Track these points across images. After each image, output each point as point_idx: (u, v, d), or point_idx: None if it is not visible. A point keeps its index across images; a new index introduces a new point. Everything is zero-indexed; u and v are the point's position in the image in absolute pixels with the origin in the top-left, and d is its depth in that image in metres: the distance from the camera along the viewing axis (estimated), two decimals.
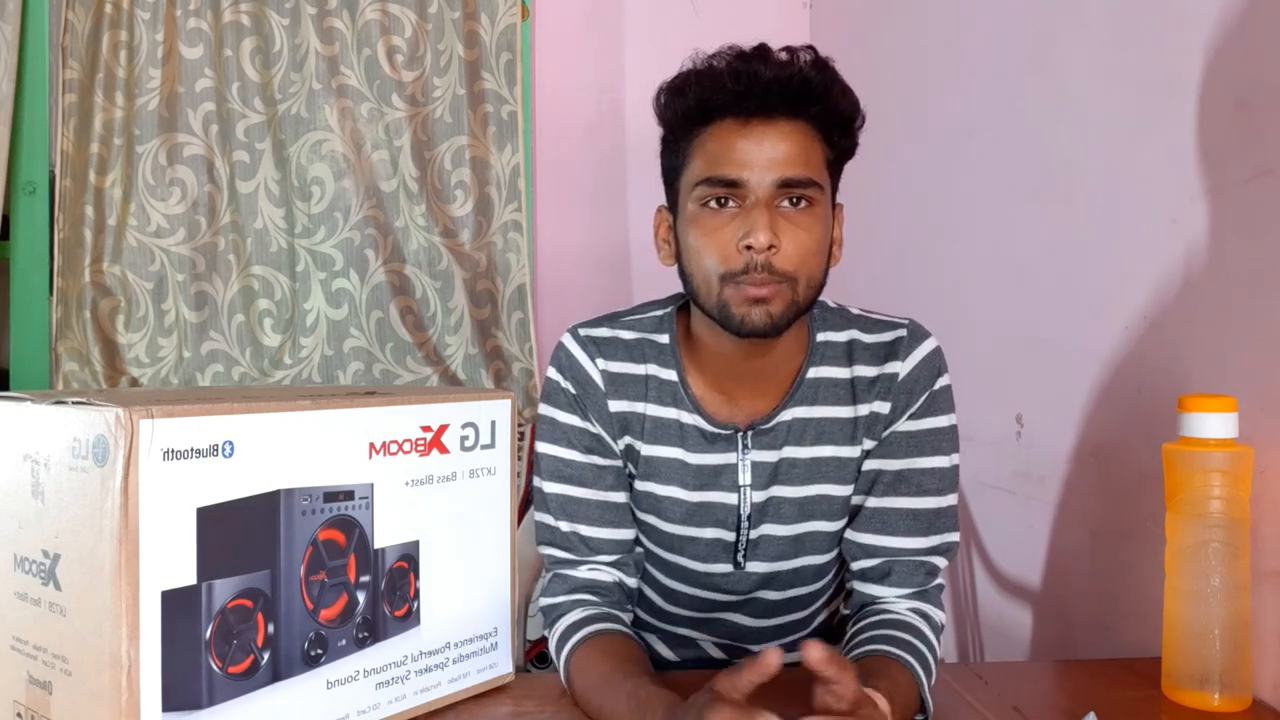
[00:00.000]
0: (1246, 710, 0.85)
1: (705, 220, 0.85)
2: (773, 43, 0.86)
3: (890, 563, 0.92)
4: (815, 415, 0.93)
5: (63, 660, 0.66)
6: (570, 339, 0.96)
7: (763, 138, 0.83)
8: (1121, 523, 1.13)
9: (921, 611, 0.90)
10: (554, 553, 0.95)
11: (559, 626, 0.90)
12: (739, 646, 1.05)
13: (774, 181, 0.83)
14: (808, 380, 0.93)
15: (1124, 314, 1.13)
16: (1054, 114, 1.28)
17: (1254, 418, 0.90)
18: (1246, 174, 0.95)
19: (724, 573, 0.97)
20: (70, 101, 1.86)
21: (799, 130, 0.84)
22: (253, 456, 0.69)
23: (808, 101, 0.84)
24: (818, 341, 0.94)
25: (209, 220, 1.93)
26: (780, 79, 0.83)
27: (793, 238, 0.83)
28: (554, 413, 0.95)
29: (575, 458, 0.94)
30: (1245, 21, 0.96)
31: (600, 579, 0.94)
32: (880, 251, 1.88)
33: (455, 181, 2.02)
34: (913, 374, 0.93)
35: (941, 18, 1.63)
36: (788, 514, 0.94)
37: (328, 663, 0.75)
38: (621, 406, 0.94)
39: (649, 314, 0.98)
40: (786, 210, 0.84)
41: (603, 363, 0.94)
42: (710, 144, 0.85)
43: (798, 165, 0.83)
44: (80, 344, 1.87)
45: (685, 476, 0.94)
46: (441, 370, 2.00)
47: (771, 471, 0.93)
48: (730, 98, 0.83)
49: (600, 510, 0.94)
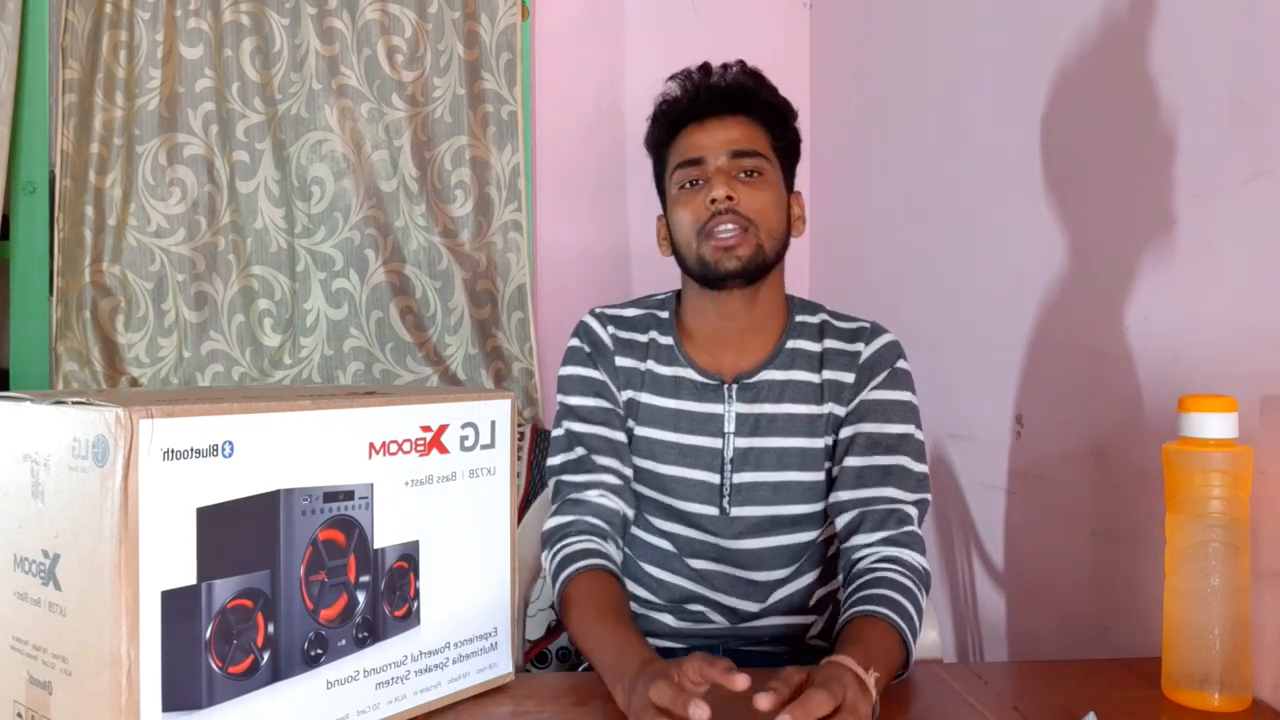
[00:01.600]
0: (1246, 710, 0.85)
1: (682, 197, 1.08)
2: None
3: (862, 513, 1.03)
4: (791, 378, 1.10)
5: (63, 660, 0.66)
6: (589, 316, 1.17)
7: (716, 129, 1.07)
8: (1121, 523, 1.13)
9: (894, 558, 0.99)
10: (567, 478, 1.10)
11: (562, 548, 1.03)
12: (738, 610, 1.11)
13: (727, 154, 1.06)
14: (786, 349, 1.11)
15: (1124, 314, 1.13)
16: (1054, 114, 1.28)
17: (1254, 418, 0.90)
18: (1246, 174, 0.95)
19: (711, 515, 1.10)
20: (70, 101, 1.86)
21: (743, 121, 1.08)
22: (253, 456, 0.69)
23: (746, 100, 1.08)
24: (796, 321, 1.13)
25: (209, 220, 1.94)
26: (722, 84, 1.08)
27: (747, 194, 1.05)
28: (571, 369, 1.15)
29: (589, 402, 1.13)
30: (1245, 21, 0.96)
31: (607, 504, 1.08)
32: (880, 251, 1.88)
33: (455, 181, 2.02)
34: (875, 354, 1.10)
35: (941, 18, 1.63)
36: (768, 462, 1.09)
37: (328, 663, 0.75)
38: (627, 363, 1.14)
39: (654, 298, 1.20)
40: (742, 179, 1.06)
41: (613, 329, 1.15)
42: (680, 144, 1.10)
43: (744, 142, 1.07)
44: (80, 344, 1.87)
45: (678, 421, 1.11)
46: (441, 370, 2.00)
47: (753, 423, 1.09)
48: (687, 106, 1.09)
49: (608, 444, 1.11)
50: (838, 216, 2.06)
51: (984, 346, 1.47)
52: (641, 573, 1.15)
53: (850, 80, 2.02)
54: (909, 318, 1.69)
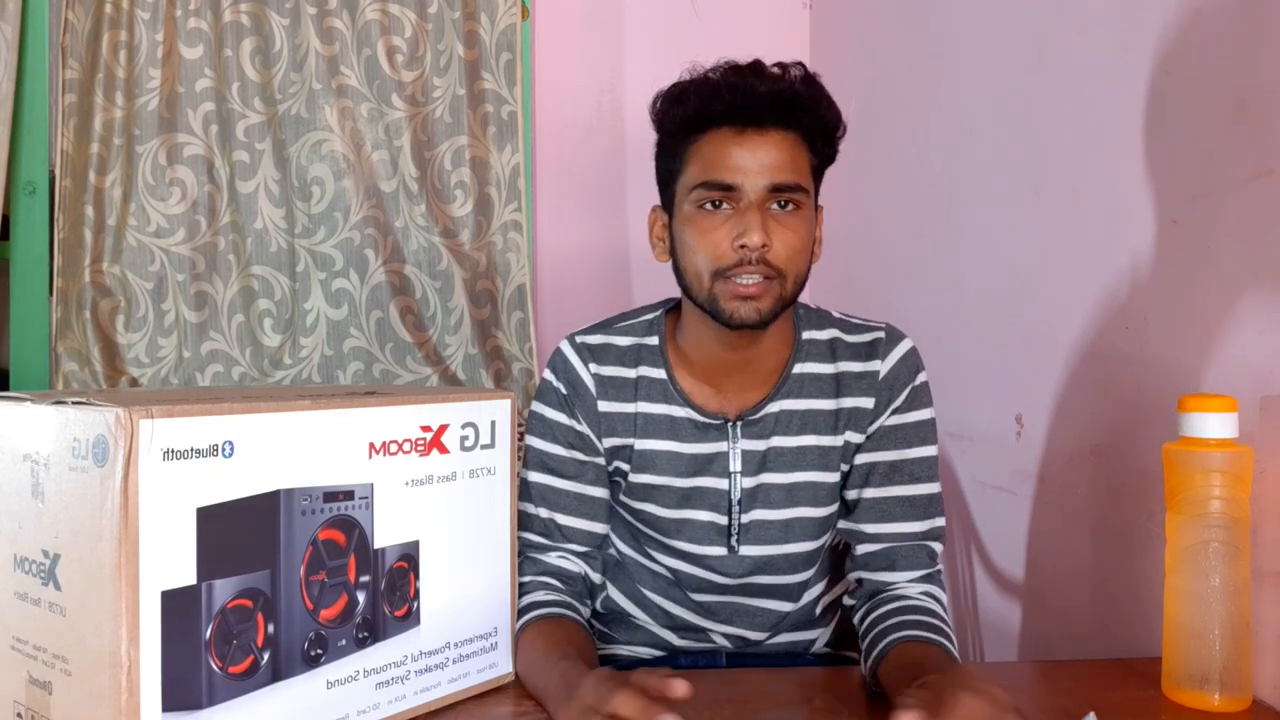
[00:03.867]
0: (1246, 710, 0.85)
1: (701, 220, 0.93)
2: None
3: (894, 548, 0.98)
4: (801, 407, 1.00)
5: (63, 660, 0.66)
6: (567, 345, 1.04)
7: (756, 146, 0.91)
8: (1121, 523, 1.13)
9: (933, 595, 0.97)
10: (529, 537, 1.01)
11: (521, 604, 0.96)
12: (743, 637, 1.08)
13: (766, 186, 0.91)
14: (794, 375, 1.01)
15: (1124, 314, 1.13)
16: (1054, 114, 1.28)
17: (1254, 418, 0.90)
18: (1246, 174, 0.95)
19: (719, 555, 1.03)
20: (70, 101, 1.86)
21: (788, 139, 0.92)
22: (253, 456, 0.69)
23: (797, 113, 0.92)
24: (803, 339, 1.02)
25: (209, 220, 1.93)
26: (773, 93, 0.90)
27: (782, 237, 0.91)
28: (544, 410, 1.03)
29: (559, 452, 1.02)
30: (1245, 21, 0.96)
31: (567, 568, 1.01)
32: (881, 251, 1.88)
33: (455, 181, 2.02)
34: (893, 371, 1.01)
35: (941, 18, 1.63)
36: (777, 499, 1.01)
37: (328, 663, 0.75)
38: (611, 407, 1.02)
39: (640, 319, 1.06)
40: (776, 213, 0.92)
41: (595, 367, 1.02)
42: (707, 150, 0.92)
43: (787, 171, 0.91)
44: (80, 344, 1.87)
45: (679, 465, 1.01)
46: (441, 370, 2.00)
47: (760, 459, 1.00)
48: (726, 108, 0.91)
49: (577, 501, 1.01)
50: (837, 217, 2.05)
51: (984, 346, 1.47)
52: (641, 596, 1.10)
53: (850, 80, 2.02)
54: (909, 317, 1.69)
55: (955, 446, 1.55)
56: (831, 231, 2.28)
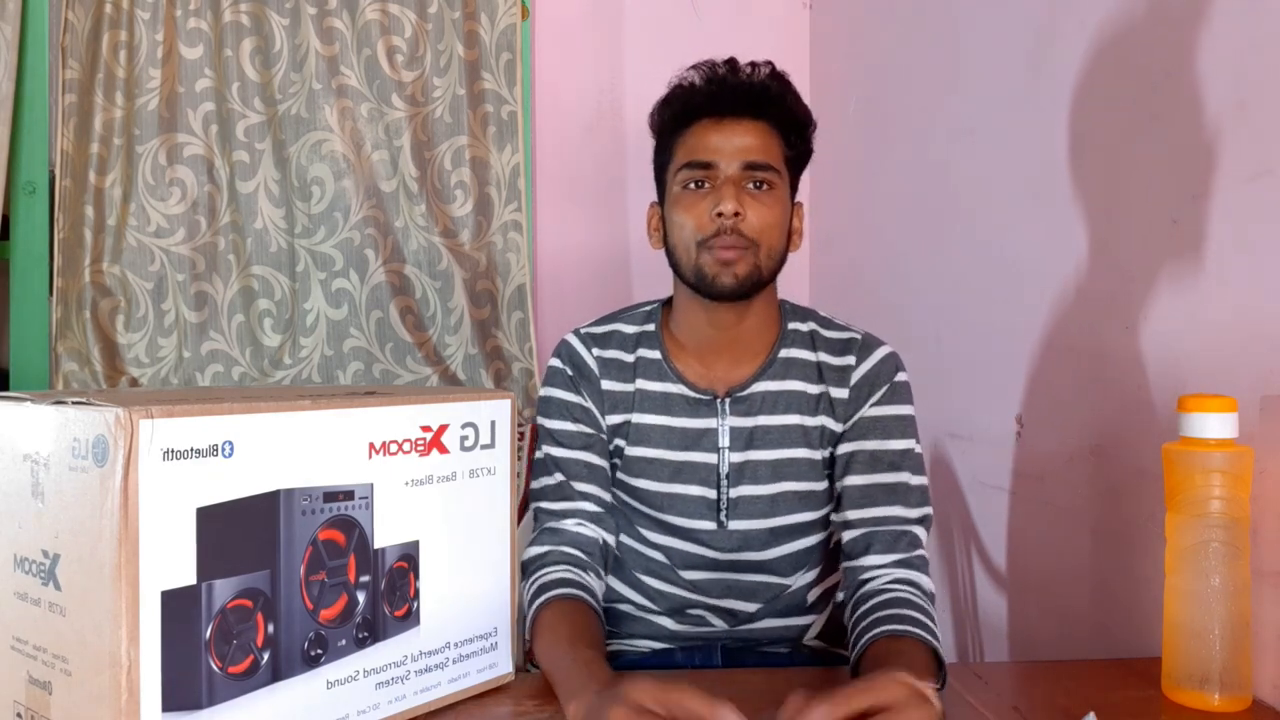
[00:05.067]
0: (1246, 710, 0.85)
1: (685, 199, 1.04)
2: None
3: (871, 533, 1.02)
4: (785, 388, 1.08)
5: (63, 660, 0.66)
6: (571, 335, 1.14)
7: (732, 132, 1.03)
8: (1121, 523, 1.13)
9: (908, 580, 0.98)
10: (545, 505, 1.08)
11: (538, 578, 1.00)
12: (733, 611, 1.11)
13: (740, 164, 1.02)
14: (780, 359, 1.09)
15: (1124, 314, 1.13)
16: (1054, 114, 1.28)
17: (1254, 418, 0.90)
18: (1246, 174, 0.95)
19: (709, 530, 1.08)
20: (70, 101, 1.86)
21: (761, 128, 1.03)
22: (252, 456, 0.69)
23: (766, 105, 1.04)
24: (788, 328, 1.11)
25: (209, 220, 1.93)
26: (744, 85, 1.03)
27: (756, 210, 1.01)
28: (552, 391, 1.12)
29: (568, 427, 1.10)
30: (1245, 21, 0.96)
31: (586, 534, 1.06)
32: (881, 251, 1.88)
33: (455, 181, 2.02)
34: (873, 369, 1.08)
35: (941, 17, 1.63)
36: (763, 475, 1.07)
37: (328, 663, 0.75)
38: (613, 386, 1.11)
39: (639, 310, 1.16)
40: (751, 190, 1.02)
41: (598, 351, 1.11)
42: (690, 139, 1.05)
43: (759, 153, 1.02)
44: (80, 344, 1.87)
45: (671, 439, 1.08)
46: (441, 370, 2.00)
47: (748, 436, 1.07)
48: (705, 100, 1.04)
49: (587, 469, 1.09)
50: (837, 217, 2.06)
51: (984, 346, 1.47)
52: (637, 581, 1.14)
53: (850, 80, 2.02)
54: (909, 318, 1.69)
55: (955, 446, 1.55)
56: (832, 231, 2.28)
